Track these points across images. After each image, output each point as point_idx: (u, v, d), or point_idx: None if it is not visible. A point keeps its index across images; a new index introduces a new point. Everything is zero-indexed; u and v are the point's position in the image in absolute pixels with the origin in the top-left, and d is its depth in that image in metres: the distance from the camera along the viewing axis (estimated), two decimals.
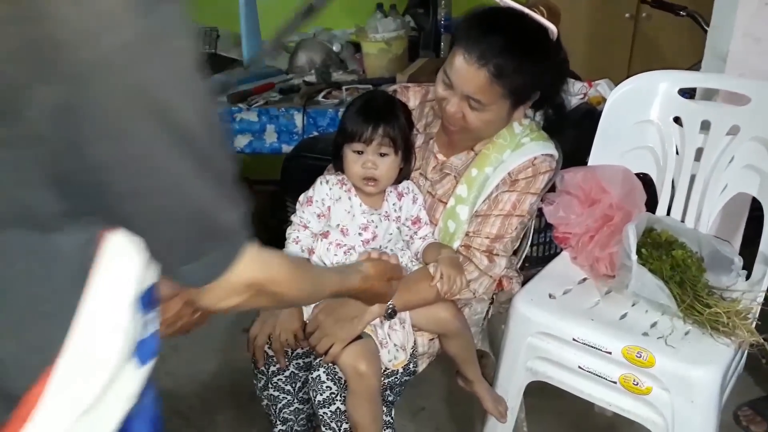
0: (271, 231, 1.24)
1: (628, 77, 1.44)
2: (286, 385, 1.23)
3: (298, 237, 1.18)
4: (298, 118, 2.07)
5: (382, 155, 1.12)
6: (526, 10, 1.16)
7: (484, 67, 1.09)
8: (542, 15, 1.16)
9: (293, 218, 1.20)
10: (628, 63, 2.68)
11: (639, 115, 1.41)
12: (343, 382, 1.12)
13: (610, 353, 1.14)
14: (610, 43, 2.67)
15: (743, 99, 1.31)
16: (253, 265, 0.61)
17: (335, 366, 1.11)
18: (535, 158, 1.20)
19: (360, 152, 1.12)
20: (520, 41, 1.13)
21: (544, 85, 1.19)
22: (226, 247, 0.59)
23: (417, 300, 1.14)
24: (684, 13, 2.07)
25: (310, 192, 1.19)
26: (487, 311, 1.38)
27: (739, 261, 1.22)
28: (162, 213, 0.54)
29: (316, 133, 2.07)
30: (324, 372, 1.12)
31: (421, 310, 1.15)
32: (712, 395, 1.07)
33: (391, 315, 1.12)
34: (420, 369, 1.23)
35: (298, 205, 1.19)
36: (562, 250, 1.42)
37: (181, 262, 0.58)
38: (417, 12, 2.71)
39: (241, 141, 2.14)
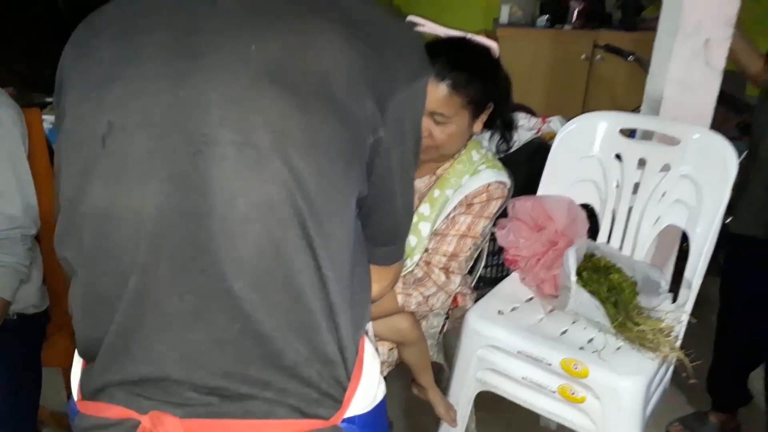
0: None
1: (582, 114, 1.59)
2: None
3: None
4: None
5: None
6: (467, 34, 1.31)
7: (443, 82, 1.23)
8: (483, 37, 1.32)
9: None
10: (583, 100, 2.88)
11: (584, 151, 1.55)
12: None
13: (550, 365, 1.26)
14: (567, 82, 2.86)
15: (675, 140, 1.46)
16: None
17: None
18: (490, 185, 1.33)
19: None
20: (468, 57, 1.28)
21: (496, 96, 1.33)
22: (401, 244, 0.85)
23: (380, 311, 1.24)
24: (632, 58, 2.27)
25: None
26: (443, 325, 1.49)
27: (665, 285, 1.36)
28: (394, 198, 0.77)
29: None
30: None
31: (382, 321, 1.25)
32: (637, 403, 1.20)
33: None
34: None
35: None
36: (511, 271, 1.55)
37: (380, 243, 0.81)
38: None
39: None
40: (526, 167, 1.72)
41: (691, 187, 1.44)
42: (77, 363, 0.79)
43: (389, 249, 0.83)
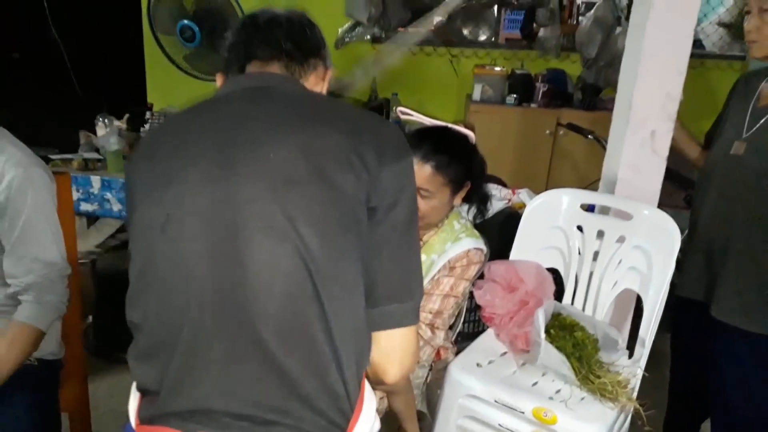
0: None
1: (547, 184, 1.81)
2: None
3: None
4: None
5: None
6: (449, 124, 1.53)
7: (428, 163, 1.44)
8: (462, 126, 1.55)
9: None
10: (548, 171, 3.14)
11: (550, 222, 1.76)
12: None
13: (523, 413, 1.41)
14: (534, 155, 3.13)
15: (628, 215, 1.68)
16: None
17: None
18: (469, 251, 1.52)
19: None
20: (449, 143, 1.50)
21: (472, 176, 1.54)
22: (414, 306, 0.95)
23: None
24: (591, 137, 2.53)
25: None
26: (427, 376, 1.64)
27: (622, 343, 1.55)
28: (397, 254, 0.92)
29: None
30: None
31: None
32: None
33: None
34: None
35: None
36: (488, 327, 1.72)
37: (388, 300, 0.91)
38: None
39: None
40: (498, 233, 1.91)
41: (642, 256, 1.65)
42: (134, 396, 0.95)
43: (399, 308, 0.93)
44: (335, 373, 0.86)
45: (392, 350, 0.95)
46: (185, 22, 2.47)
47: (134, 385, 0.95)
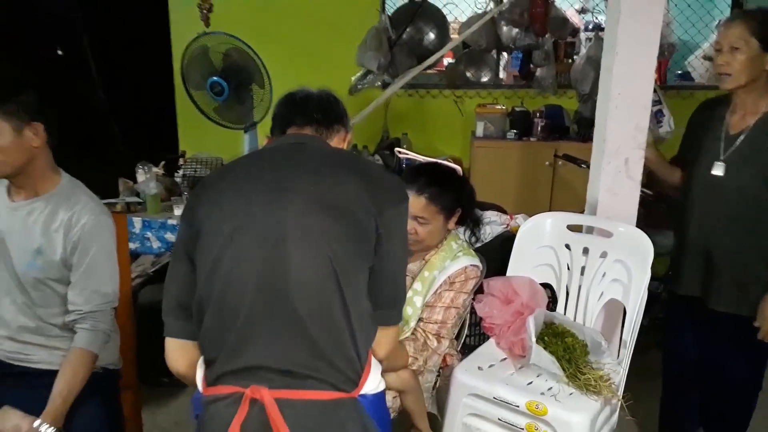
0: None
1: (550, 210, 2.04)
2: None
3: None
4: None
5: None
6: (438, 160, 1.80)
7: (422, 195, 1.70)
8: (451, 161, 1.82)
9: None
10: (549, 199, 3.37)
11: (541, 242, 1.99)
12: None
13: (518, 407, 1.61)
14: (535, 185, 3.37)
15: (609, 233, 1.91)
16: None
17: None
18: (467, 267, 1.75)
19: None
20: (439, 177, 1.78)
21: (462, 203, 1.79)
22: (400, 308, 1.31)
23: (396, 365, 1.60)
24: (585, 166, 2.77)
25: None
26: (435, 382, 1.86)
27: (605, 345, 1.76)
28: (393, 274, 1.25)
29: None
30: None
31: (391, 373, 1.62)
32: None
33: None
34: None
35: None
36: (489, 337, 1.93)
37: (383, 306, 1.25)
38: (384, 153, 3.39)
39: None
40: (498, 254, 2.15)
41: (623, 268, 1.86)
42: (200, 368, 1.25)
43: (389, 312, 1.29)
44: (350, 344, 1.17)
45: (382, 339, 1.29)
46: (215, 78, 2.79)
47: (201, 359, 1.24)
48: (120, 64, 3.46)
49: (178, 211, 2.85)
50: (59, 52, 3.18)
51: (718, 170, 1.95)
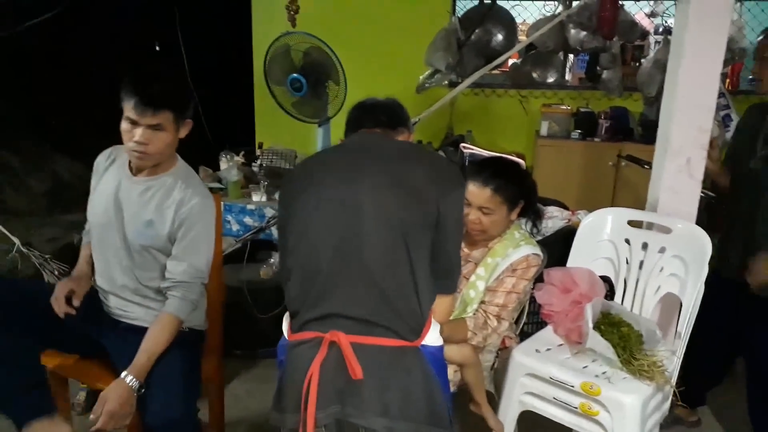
0: None
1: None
2: None
3: None
4: None
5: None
6: (502, 155, 1.92)
7: (488, 186, 1.83)
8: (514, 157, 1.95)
9: None
10: (611, 198, 3.43)
11: (601, 236, 2.09)
12: None
13: (573, 387, 1.73)
14: (597, 184, 3.43)
15: (668, 230, 1.98)
16: None
17: None
18: (528, 256, 1.87)
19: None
20: (504, 169, 1.91)
21: (525, 195, 1.91)
22: (455, 279, 1.49)
23: (456, 338, 1.76)
24: (648, 167, 2.82)
25: None
26: (494, 362, 1.98)
27: (660, 334, 1.84)
28: (449, 248, 1.42)
29: None
30: None
31: (453, 346, 1.76)
32: (636, 414, 1.64)
33: None
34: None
35: None
36: (546, 326, 2.04)
37: (441, 276, 1.42)
38: (448, 149, 3.52)
39: None
40: (560, 247, 2.25)
41: (681, 264, 1.94)
42: (286, 320, 1.47)
43: (446, 282, 1.48)
44: (415, 300, 1.35)
45: (440, 309, 1.48)
46: (295, 75, 2.99)
47: (286, 314, 1.46)
48: (206, 60, 3.73)
49: (256, 197, 3.07)
50: (157, 48, 3.47)
51: (755, 164, 2.09)
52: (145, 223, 1.80)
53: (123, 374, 1.66)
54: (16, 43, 3.41)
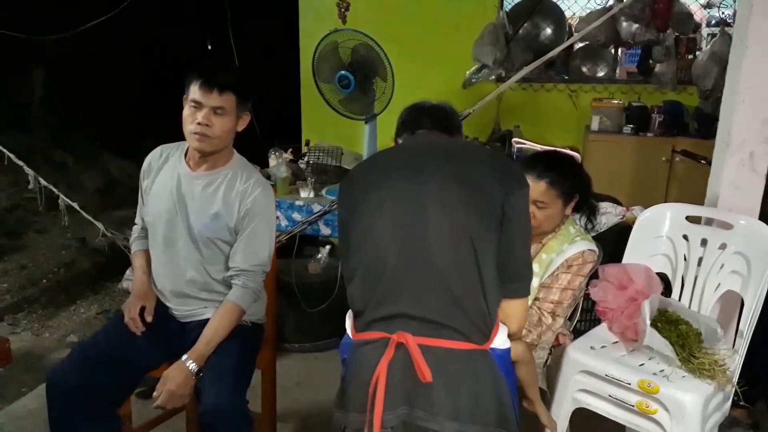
0: None
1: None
2: None
3: None
4: None
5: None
6: (556, 148, 1.90)
7: (542, 180, 1.81)
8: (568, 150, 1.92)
9: None
10: (665, 193, 3.34)
11: (659, 232, 2.04)
12: None
13: (629, 384, 1.69)
14: (650, 179, 3.35)
15: (729, 226, 1.92)
16: None
17: None
18: (584, 252, 1.84)
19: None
20: (558, 163, 1.88)
21: (580, 189, 1.88)
22: (527, 282, 1.45)
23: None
24: (704, 162, 2.75)
25: None
26: (546, 359, 1.97)
27: (721, 332, 1.79)
28: (517, 250, 1.40)
29: None
30: None
31: None
32: (697, 414, 1.60)
33: None
34: None
35: None
36: (600, 322, 2.01)
37: (511, 280, 1.40)
38: (496, 144, 3.49)
39: None
40: (614, 243, 2.21)
41: (743, 260, 1.88)
42: (349, 318, 1.47)
43: (516, 285, 1.43)
44: (483, 300, 1.34)
45: (513, 313, 1.44)
46: (343, 72, 3.02)
47: (349, 312, 1.46)
48: (255, 59, 3.80)
49: (303, 194, 3.11)
50: (209, 47, 3.55)
51: None
52: (212, 216, 1.84)
53: (183, 357, 1.73)
54: (75, 45, 3.54)
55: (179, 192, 1.86)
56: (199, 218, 1.85)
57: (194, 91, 1.74)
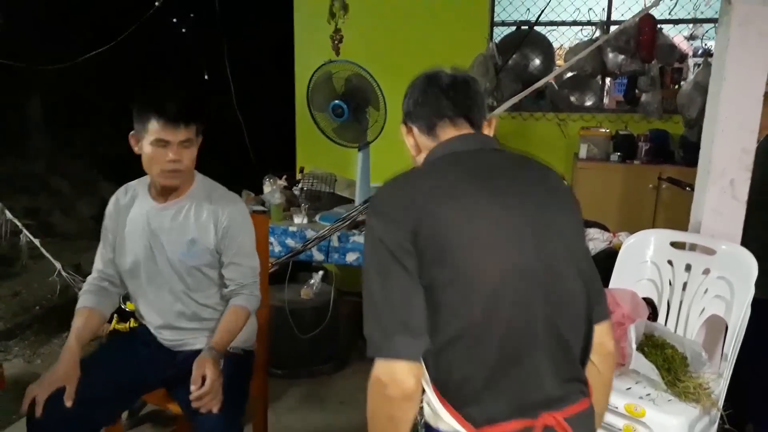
0: None
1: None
2: None
3: None
4: None
5: None
6: None
7: None
8: None
9: None
10: (652, 220, 3.40)
11: (644, 258, 2.09)
12: None
13: (616, 408, 1.72)
14: (637, 206, 3.41)
15: (712, 251, 1.97)
16: None
17: None
18: None
19: None
20: None
21: None
22: (605, 304, 1.27)
23: None
24: (689, 189, 2.80)
25: None
26: None
27: (706, 356, 1.82)
28: (594, 269, 1.26)
29: None
30: None
31: None
32: None
33: None
34: None
35: None
36: None
37: (598, 301, 1.22)
38: None
39: (351, 257, 2.91)
40: (601, 268, 2.24)
41: (726, 285, 1.93)
42: (436, 400, 1.13)
43: (602, 308, 1.25)
44: (584, 343, 1.20)
45: (605, 334, 1.26)
46: (337, 102, 3.08)
47: (429, 390, 1.13)
48: (251, 88, 3.87)
49: (297, 220, 3.15)
50: (206, 77, 3.63)
51: None
52: (189, 243, 1.83)
53: (207, 347, 1.73)
54: (73, 74, 3.61)
55: (150, 228, 1.85)
56: (176, 248, 1.84)
57: (156, 130, 1.69)
